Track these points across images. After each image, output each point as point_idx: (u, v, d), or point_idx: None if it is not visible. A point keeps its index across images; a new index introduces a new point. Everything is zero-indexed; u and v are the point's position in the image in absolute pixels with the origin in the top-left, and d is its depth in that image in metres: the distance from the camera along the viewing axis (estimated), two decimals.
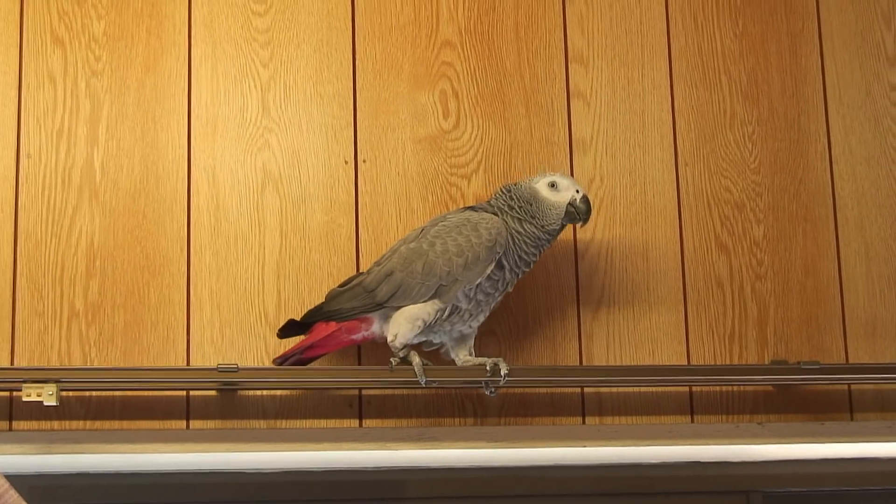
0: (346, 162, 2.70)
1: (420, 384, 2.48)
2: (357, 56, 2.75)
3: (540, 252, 2.52)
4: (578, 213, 2.50)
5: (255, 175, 2.67)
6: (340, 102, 2.72)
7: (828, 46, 2.91)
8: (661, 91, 2.84)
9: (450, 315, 2.50)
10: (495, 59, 2.79)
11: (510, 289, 2.53)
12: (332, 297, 2.53)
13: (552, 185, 2.51)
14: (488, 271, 2.47)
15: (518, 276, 2.52)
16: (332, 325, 2.52)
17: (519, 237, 2.48)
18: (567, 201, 2.50)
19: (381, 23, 2.76)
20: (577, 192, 2.51)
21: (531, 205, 2.51)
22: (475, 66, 2.78)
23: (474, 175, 2.73)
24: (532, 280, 2.67)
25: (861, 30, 2.93)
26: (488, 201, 2.56)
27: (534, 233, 2.49)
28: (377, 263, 2.52)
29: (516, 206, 2.51)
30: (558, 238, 2.56)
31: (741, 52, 2.88)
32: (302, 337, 2.55)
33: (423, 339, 2.54)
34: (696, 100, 2.84)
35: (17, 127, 2.62)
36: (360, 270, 2.63)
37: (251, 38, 2.72)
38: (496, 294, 2.52)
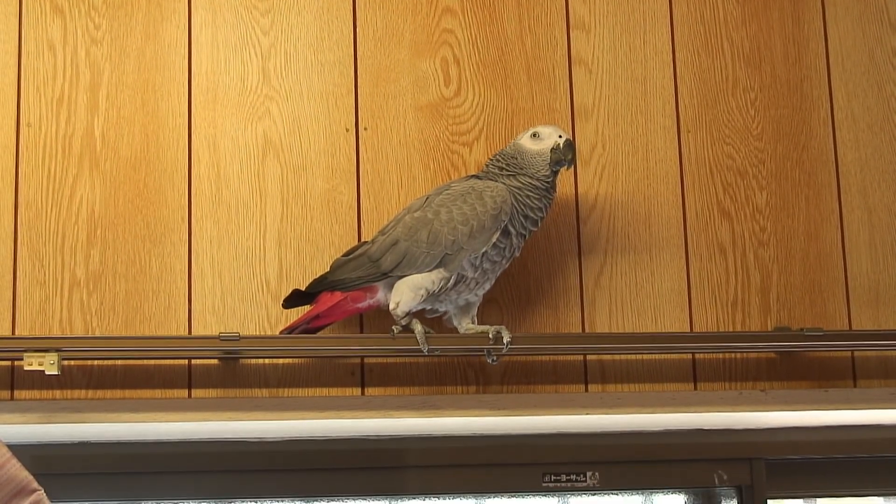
0: (348, 130, 2.69)
1: (423, 352, 2.48)
2: (358, 23, 2.74)
3: (546, 207, 2.51)
4: (563, 155, 2.50)
5: (256, 143, 2.66)
6: (341, 70, 2.71)
7: (830, 12, 2.89)
8: (664, 57, 2.83)
9: (455, 284, 2.49)
10: (496, 26, 2.78)
11: (517, 254, 2.53)
12: (336, 266, 2.53)
13: (534, 136, 2.52)
14: (494, 240, 2.46)
15: (525, 237, 2.52)
16: (338, 295, 2.52)
17: (520, 193, 2.48)
18: (550, 147, 2.50)
19: None
20: (560, 136, 2.51)
21: (516, 159, 2.52)
22: (476, 33, 2.77)
23: (476, 142, 2.72)
24: (534, 247, 2.66)
25: None
26: (484, 169, 2.56)
27: (530, 182, 2.49)
28: (382, 232, 2.52)
29: (505, 165, 2.52)
30: (559, 203, 2.55)
31: (743, 18, 2.87)
32: (307, 307, 2.55)
33: (428, 306, 2.54)
34: (699, 66, 2.83)
35: (17, 95, 2.61)
36: (362, 238, 2.63)
37: (251, 5, 2.71)
38: (502, 262, 2.52)
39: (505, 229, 2.47)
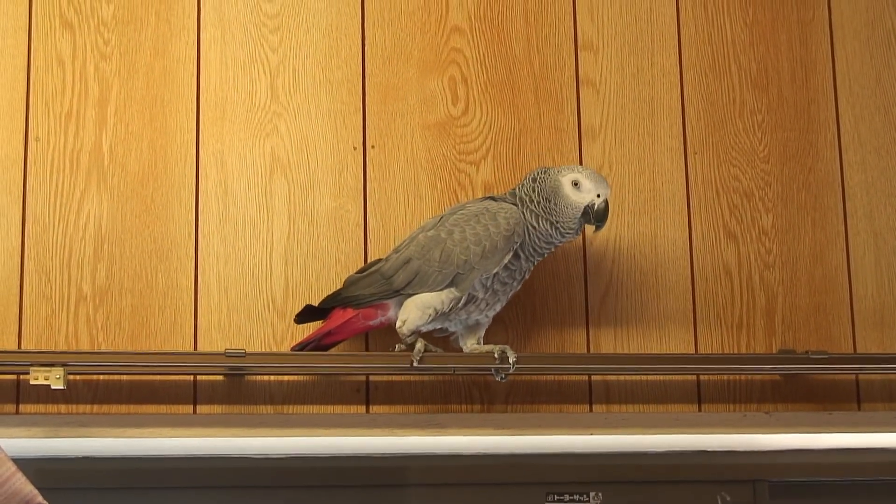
0: (355, 148, 2.70)
1: (412, 364, 2.48)
2: (366, 42, 2.74)
3: (554, 247, 2.52)
4: (594, 219, 2.48)
5: (264, 160, 2.66)
6: (349, 88, 2.72)
7: (838, 35, 2.90)
8: (671, 79, 2.83)
9: (466, 304, 2.49)
10: (505, 46, 2.78)
11: (528, 276, 2.53)
12: (350, 282, 2.53)
13: (575, 184, 2.48)
14: (506, 261, 2.46)
15: (534, 264, 2.52)
16: (350, 312, 2.52)
17: (534, 232, 2.48)
18: (585, 204, 2.48)
19: (390, 8, 2.76)
20: (598, 196, 2.47)
21: (550, 201, 2.48)
22: (484, 52, 2.77)
23: (483, 162, 2.73)
24: (540, 267, 2.66)
25: (872, 19, 2.92)
26: (513, 189, 2.54)
27: (548, 231, 2.48)
28: (395, 251, 2.53)
29: (536, 200, 2.49)
30: None
31: (751, 40, 2.87)
32: (319, 323, 2.55)
33: (438, 325, 2.54)
34: (706, 88, 2.84)
35: (26, 110, 2.62)
36: (368, 256, 2.64)
37: (260, 23, 2.71)
38: (513, 283, 2.52)
39: (516, 252, 2.47)
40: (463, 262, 2.45)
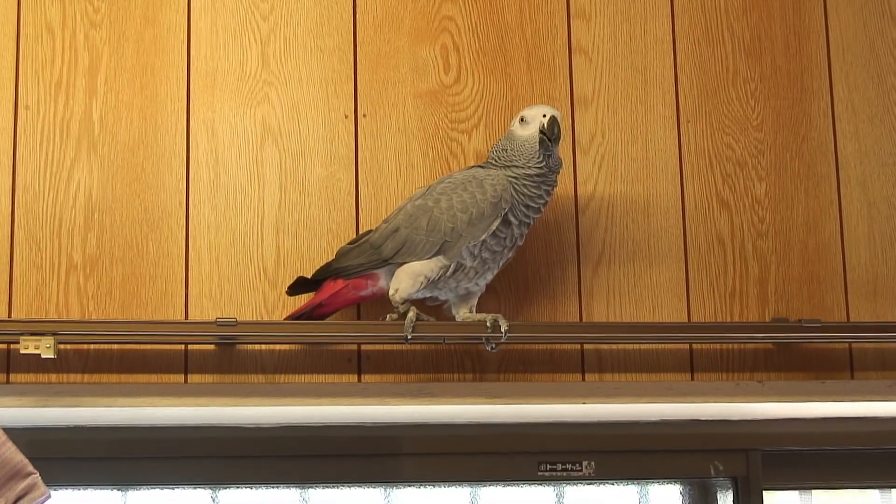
0: (346, 116, 2.69)
1: (405, 338, 2.48)
2: (357, 10, 2.73)
3: (547, 193, 2.50)
4: (548, 135, 2.46)
5: (255, 129, 2.65)
6: (341, 56, 2.71)
7: (832, 3, 2.89)
8: (664, 47, 2.82)
9: (455, 272, 2.49)
10: (497, 14, 2.77)
11: (521, 242, 2.52)
12: (341, 254, 2.53)
13: (522, 121, 2.50)
14: (493, 227, 2.45)
15: (529, 225, 2.51)
16: (340, 283, 2.52)
17: (518, 182, 2.47)
18: (537, 130, 2.48)
19: None
20: (545, 116, 2.48)
21: (507, 151, 2.50)
22: (476, 20, 2.76)
23: (475, 130, 2.72)
24: (532, 236, 2.65)
25: None
26: (486, 162, 2.55)
27: (524, 173, 2.48)
28: (385, 221, 2.52)
29: (497, 158, 2.51)
30: (557, 192, 2.55)
31: (745, 8, 2.86)
32: (311, 294, 2.55)
33: (429, 294, 2.54)
34: (699, 56, 2.83)
35: (16, 78, 2.60)
36: (360, 225, 2.63)
37: None
38: (504, 251, 2.51)
39: (505, 218, 2.46)
40: (450, 230, 2.44)
